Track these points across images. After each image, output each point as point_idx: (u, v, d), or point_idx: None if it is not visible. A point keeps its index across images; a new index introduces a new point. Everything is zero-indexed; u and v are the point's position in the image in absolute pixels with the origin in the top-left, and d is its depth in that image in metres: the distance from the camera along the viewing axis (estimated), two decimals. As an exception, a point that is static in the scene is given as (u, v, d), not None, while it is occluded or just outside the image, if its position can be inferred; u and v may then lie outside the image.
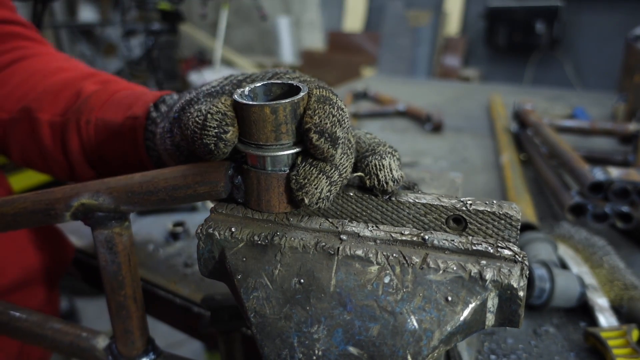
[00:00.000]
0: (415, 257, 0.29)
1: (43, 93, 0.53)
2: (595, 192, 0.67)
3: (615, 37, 3.03)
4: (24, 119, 0.53)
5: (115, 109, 0.50)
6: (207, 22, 4.09)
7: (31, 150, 0.54)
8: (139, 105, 0.48)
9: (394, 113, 1.42)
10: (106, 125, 0.49)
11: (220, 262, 0.33)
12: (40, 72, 0.55)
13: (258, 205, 0.32)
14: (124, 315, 0.37)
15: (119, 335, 0.38)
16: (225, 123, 0.29)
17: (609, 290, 0.55)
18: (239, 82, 0.38)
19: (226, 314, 0.47)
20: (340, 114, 0.29)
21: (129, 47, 3.05)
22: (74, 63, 0.59)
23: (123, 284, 0.36)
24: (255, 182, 0.31)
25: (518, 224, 0.31)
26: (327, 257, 0.30)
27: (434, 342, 0.26)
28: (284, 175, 0.30)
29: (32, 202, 0.36)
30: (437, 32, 3.33)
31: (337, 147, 0.29)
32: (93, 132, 0.50)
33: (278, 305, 0.29)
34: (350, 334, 0.27)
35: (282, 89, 0.31)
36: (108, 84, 0.54)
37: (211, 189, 0.32)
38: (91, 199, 0.34)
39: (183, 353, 1.64)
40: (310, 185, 0.29)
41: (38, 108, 0.52)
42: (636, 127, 0.97)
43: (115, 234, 0.35)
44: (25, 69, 0.56)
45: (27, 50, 0.58)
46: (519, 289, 0.27)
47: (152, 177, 0.33)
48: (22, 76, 0.55)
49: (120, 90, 0.52)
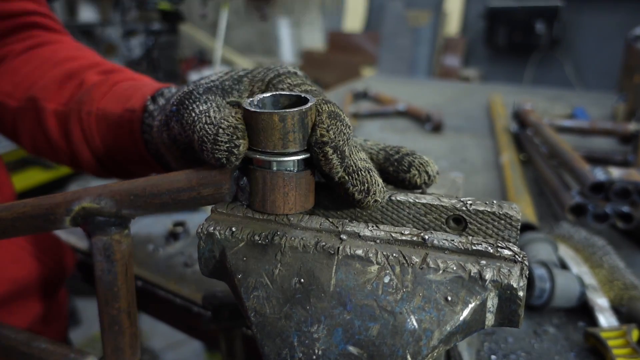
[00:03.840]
0: (415, 257, 0.29)
1: (50, 82, 0.53)
2: (596, 192, 0.67)
3: (615, 37, 3.03)
4: (31, 108, 0.53)
5: (115, 100, 0.49)
6: (207, 22, 4.09)
7: (40, 138, 0.54)
8: (137, 98, 0.48)
9: (394, 113, 1.43)
10: (106, 117, 0.49)
11: (221, 261, 0.33)
12: (50, 61, 0.55)
13: (262, 206, 0.32)
14: (116, 330, 0.36)
15: (109, 352, 0.37)
16: (237, 137, 0.29)
17: (608, 290, 0.55)
18: (239, 78, 0.38)
19: (227, 311, 0.47)
20: (348, 132, 0.30)
21: (129, 47, 3.05)
22: (83, 52, 0.59)
23: (118, 297, 0.35)
24: (261, 182, 0.31)
25: (518, 224, 0.31)
26: (327, 256, 0.30)
27: (434, 342, 0.26)
28: (289, 175, 0.30)
29: (32, 206, 0.35)
30: (437, 32, 3.33)
31: (344, 163, 0.30)
32: (94, 123, 0.50)
33: (278, 305, 0.29)
34: (350, 334, 0.27)
35: (290, 100, 0.32)
36: (111, 74, 0.53)
37: (215, 192, 0.32)
38: (92, 203, 0.33)
39: (183, 353, 1.65)
40: (372, 185, 0.31)
41: (44, 97, 0.52)
42: (635, 127, 0.97)
43: (114, 241, 0.34)
44: (36, 57, 0.56)
45: (41, 39, 0.59)
46: (518, 289, 0.27)
47: (156, 180, 0.33)
48: (33, 64, 0.55)
49: (122, 81, 0.52)
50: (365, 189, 0.31)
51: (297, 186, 0.31)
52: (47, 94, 0.52)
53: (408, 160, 0.36)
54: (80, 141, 0.51)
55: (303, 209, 0.32)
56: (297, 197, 0.31)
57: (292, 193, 0.31)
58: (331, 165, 0.30)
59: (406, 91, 1.75)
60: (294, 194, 0.31)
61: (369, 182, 0.31)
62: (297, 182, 0.31)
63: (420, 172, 0.35)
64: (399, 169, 0.36)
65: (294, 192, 0.31)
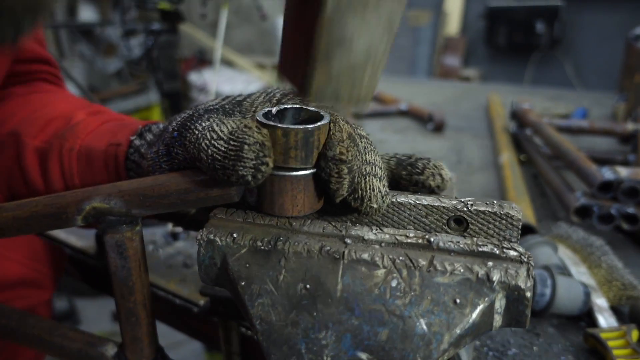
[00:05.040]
0: (422, 260, 0.29)
1: (35, 120, 0.50)
2: (604, 192, 0.66)
3: (615, 37, 3.03)
4: (12, 143, 0.49)
5: (99, 137, 0.47)
6: (207, 22, 4.08)
7: (16, 177, 0.50)
8: (124, 134, 0.46)
9: (396, 112, 1.42)
10: (89, 153, 0.46)
11: (223, 268, 0.32)
12: (39, 103, 0.53)
13: (271, 209, 0.31)
14: (134, 322, 0.37)
15: (127, 342, 0.38)
16: (264, 154, 0.28)
17: (607, 290, 0.55)
18: (239, 102, 0.37)
19: (224, 302, 0.47)
20: (362, 159, 0.30)
21: (129, 47, 3.04)
22: (75, 98, 0.58)
23: (133, 290, 0.36)
24: (269, 185, 0.31)
25: (519, 223, 0.31)
26: (333, 261, 0.30)
27: (444, 345, 0.26)
28: (297, 178, 0.30)
29: (44, 205, 0.36)
30: (437, 32, 3.33)
31: (352, 186, 0.30)
32: (75, 160, 0.47)
33: (284, 312, 0.29)
34: (359, 339, 0.27)
35: (310, 115, 0.32)
36: (99, 114, 0.52)
37: (224, 192, 0.31)
38: (102, 203, 0.34)
39: (183, 353, 1.65)
40: (367, 192, 0.31)
41: (27, 133, 0.49)
42: (633, 126, 0.97)
43: (127, 238, 0.35)
44: (29, 100, 0.55)
45: (41, 88, 0.57)
46: (526, 290, 0.27)
47: (164, 181, 0.33)
48: (21, 102, 0.54)
49: (110, 121, 0.50)
50: (359, 196, 0.31)
51: (305, 189, 0.30)
52: (30, 130, 0.49)
53: (422, 163, 0.36)
54: (57, 179, 0.47)
55: (312, 211, 0.32)
56: (306, 199, 0.31)
57: (300, 195, 0.30)
58: (340, 185, 0.29)
59: (406, 91, 1.74)
60: (302, 197, 0.30)
61: (363, 189, 0.31)
62: (306, 185, 0.30)
63: (434, 174, 0.35)
64: (412, 171, 0.35)
65: (302, 194, 0.30)
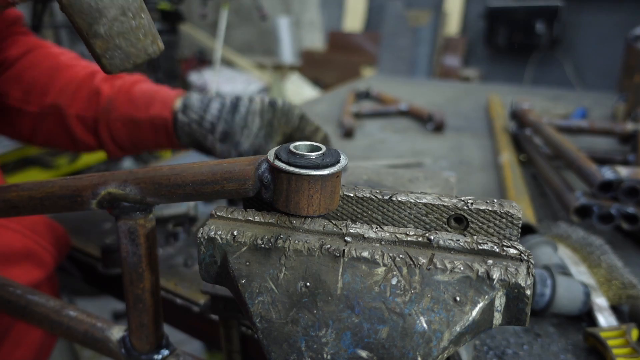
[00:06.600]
0: (422, 258, 0.29)
1: (63, 89, 0.66)
2: (605, 191, 0.66)
3: (615, 37, 3.03)
4: (53, 113, 0.66)
5: (135, 108, 0.65)
6: (207, 22, 4.08)
7: (60, 136, 0.68)
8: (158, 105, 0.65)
9: (396, 113, 1.42)
10: (133, 121, 0.65)
11: (223, 266, 0.32)
12: (53, 68, 0.67)
13: (286, 206, 0.31)
14: (140, 308, 0.37)
15: (133, 328, 0.38)
16: None
17: (607, 289, 0.55)
18: None
19: (225, 300, 0.47)
20: None
21: (129, 47, 3.04)
22: (71, 57, 0.71)
23: (142, 277, 0.36)
24: (285, 183, 0.31)
25: (519, 222, 0.31)
26: (333, 259, 0.30)
27: (444, 343, 0.26)
28: (315, 178, 0.30)
29: (60, 187, 0.36)
30: (437, 32, 3.33)
31: None
32: (121, 126, 0.65)
33: (284, 310, 0.29)
34: (359, 337, 0.27)
35: None
36: (114, 80, 0.67)
37: (239, 187, 0.32)
38: (118, 189, 0.34)
39: (184, 353, 1.59)
40: None
41: (65, 104, 0.66)
42: (633, 126, 0.96)
43: (139, 225, 0.35)
44: (35, 63, 0.67)
45: (27, 44, 0.68)
46: (526, 288, 0.27)
47: (181, 171, 0.33)
48: (37, 70, 0.66)
49: (130, 88, 0.66)
50: None
51: (322, 189, 0.30)
52: (65, 100, 0.66)
53: None
54: (107, 140, 0.67)
55: (327, 211, 0.31)
56: (322, 199, 0.31)
57: (316, 195, 0.30)
58: None
59: (406, 91, 1.74)
60: (318, 197, 0.30)
61: None
62: (323, 185, 0.30)
63: None
64: None
65: (318, 194, 0.30)
